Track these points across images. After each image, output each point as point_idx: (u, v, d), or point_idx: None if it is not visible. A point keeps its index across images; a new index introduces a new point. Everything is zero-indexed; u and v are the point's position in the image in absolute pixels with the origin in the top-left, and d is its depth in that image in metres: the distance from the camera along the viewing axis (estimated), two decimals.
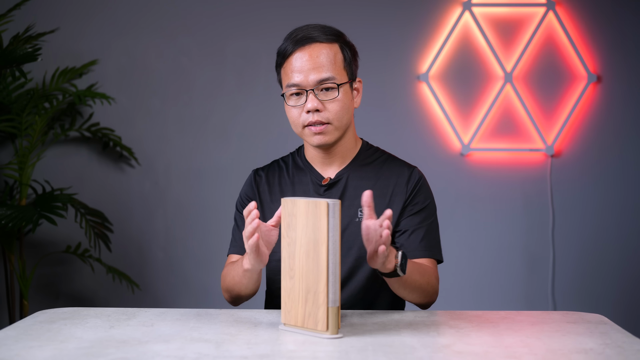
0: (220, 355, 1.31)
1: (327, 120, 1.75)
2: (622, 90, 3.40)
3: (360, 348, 1.36)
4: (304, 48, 1.76)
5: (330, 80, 1.75)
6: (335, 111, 1.76)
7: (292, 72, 1.76)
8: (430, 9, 3.41)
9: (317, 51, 1.75)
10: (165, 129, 3.43)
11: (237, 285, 1.74)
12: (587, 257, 3.42)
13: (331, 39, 1.78)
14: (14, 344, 1.38)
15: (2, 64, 2.87)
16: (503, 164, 3.42)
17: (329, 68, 1.75)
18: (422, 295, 1.74)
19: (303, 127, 1.78)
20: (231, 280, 1.76)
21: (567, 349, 1.36)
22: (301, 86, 1.75)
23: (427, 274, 1.74)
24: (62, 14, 3.38)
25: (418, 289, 1.71)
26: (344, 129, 1.80)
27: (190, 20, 3.42)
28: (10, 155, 3.36)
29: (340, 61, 1.78)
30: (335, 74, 1.75)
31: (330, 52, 1.77)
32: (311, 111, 1.75)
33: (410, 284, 1.68)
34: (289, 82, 1.76)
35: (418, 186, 1.83)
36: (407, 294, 1.72)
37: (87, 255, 3.23)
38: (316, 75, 1.74)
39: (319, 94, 1.75)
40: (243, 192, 1.93)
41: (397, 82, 3.41)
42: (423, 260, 1.79)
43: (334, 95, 1.75)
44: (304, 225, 1.45)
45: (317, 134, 1.76)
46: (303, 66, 1.75)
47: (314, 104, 1.74)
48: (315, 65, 1.74)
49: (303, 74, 1.74)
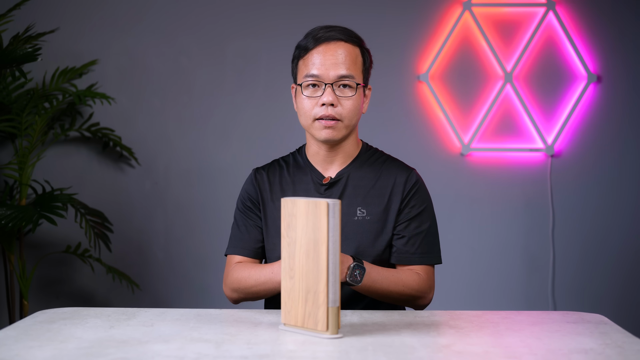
0: (220, 355, 1.31)
1: (339, 117, 1.79)
2: (622, 90, 3.40)
3: (360, 348, 1.36)
4: (329, 44, 1.80)
5: (349, 78, 1.79)
6: (349, 109, 1.79)
7: (314, 64, 1.79)
8: (430, 9, 3.41)
9: (341, 49, 1.80)
10: (165, 129, 3.43)
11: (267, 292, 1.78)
12: (587, 257, 3.42)
13: (354, 42, 1.83)
14: (14, 344, 1.38)
15: (2, 64, 2.87)
16: (503, 164, 3.42)
17: (350, 67, 1.79)
18: (397, 301, 1.80)
19: (314, 120, 1.80)
20: (259, 285, 1.79)
21: (567, 349, 1.36)
22: (320, 78, 1.78)
23: (404, 282, 1.78)
24: (62, 14, 3.38)
25: (388, 297, 1.77)
26: (351, 129, 1.83)
27: (190, 20, 3.42)
28: (10, 155, 3.36)
29: (360, 63, 1.83)
30: (355, 74, 1.80)
31: (353, 53, 1.81)
32: (326, 104, 1.78)
33: (375, 292, 1.75)
34: (309, 72, 1.80)
35: (415, 189, 1.86)
36: (381, 299, 1.79)
37: (87, 255, 3.23)
38: (337, 70, 1.78)
39: (336, 90, 1.79)
40: (244, 191, 1.94)
41: (397, 82, 3.41)
42: (417, 267, 1.83)
43: (350, 93, 1.79)
44: (304, 225, 1.45)
45: (327, 128, 1.79)
46: (325, 60, 1.79)
47: (329, 98, 1.77)
48: (337, 61, 1.78)
49: (324, 67, 1.78)
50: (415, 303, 1.82)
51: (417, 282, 1.80)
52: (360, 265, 1.68)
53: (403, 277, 1.78)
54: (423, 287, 1.81)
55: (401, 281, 1.77)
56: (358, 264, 1.67)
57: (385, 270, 1.77)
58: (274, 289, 1.77)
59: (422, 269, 1.83)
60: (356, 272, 1.67)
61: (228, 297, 1.88)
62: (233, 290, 1.84)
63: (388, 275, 1.76)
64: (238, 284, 1.83)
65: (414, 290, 1.79)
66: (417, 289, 1.79)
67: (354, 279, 1.67)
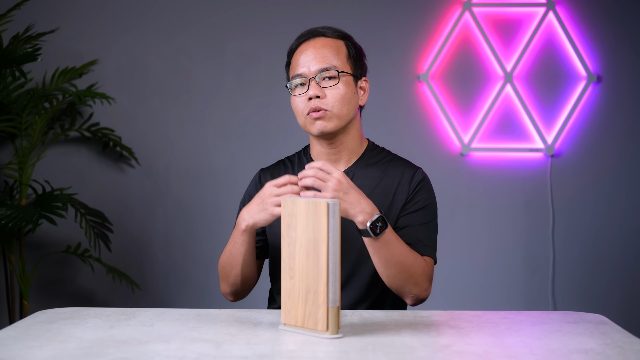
0: (220, 355, 1.31)
1: (326, 107, 1.79)
2: (622, 90, 3.40)
3: (360, 348, 1.36)
4: (309, 41, 1.83)
5: (330, 70, 1.79)
6: (335, 99, 1.79)
7: (297, 65, 1.82)
8: (430, 9, 3.41)
9: (321, 44, 1.81)
10: (165, 129, 3.43)
11: (235, 260, 1.77)
12: (587, 257, 3.42)
13: (337, 36, 1.84)
14: (14, 344, 1.38)
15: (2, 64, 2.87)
16: (503, 164, 3.42)
17: (331, 59, 1.80)
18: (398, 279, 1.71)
19: (305, 116, 1.80)
20: (228, 258, 1.78)
21: (567, 349, 1.36)
22: (304, 76, 1.80)
23: (413, 260, 1.72)
24: (62, 14, 3.38)
25: (393, 267, 1.69)
26: (345, 119, 1.81)
27: (190, 20, 3.42)
28: (10, 155, 3.36)
29: (344, 55, 1.83)
30: (337, 65, 1.80)
31: (334, 46, 1.82)
32: (312, 97, 1.78)
33: (384, 255, 1.68)
34: (295, 73, 1.82)
35: (420, 185, 1.84)
36: (384, 268, 1.70)
37: (87, 255, 3.22)
38: (318, 65, 1.79)
39: (320, 83, 1.79)
40: (248, 193, 1.94)
41: (397, 82, 3.41)
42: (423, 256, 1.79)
43: (334, 82, 1.79)
44: (304, 225, 1.45)
45: (317, 120, 1.79)
46: (307, 56, 1.81)
47: (314, 91, 1.78)
48: (318, 55, 1.80)
49: (306, 63, 1.80)
50: (413, 291, 1.74)
51: (422, 266, 1.75)
52: (384, 220, 1.65)
53: (415, 255, 1.74)
54: (426, 274, 1.75)
55: (412, 257, 1.72)
56: (383, 216, 1.65)
57: (402, 241, 1.73)
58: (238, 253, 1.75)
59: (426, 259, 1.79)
60: (378, 223, 1.64)
61: (222, 293, 1.88)
62: (221, 280, 1.85)
63: (403, 246, 1.71)
64: (220, 270, 1.84)
65: (419, 273, 1.73)
66: (420, 273, 1.73)
67: (373, 229, 1.63)
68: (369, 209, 1.64)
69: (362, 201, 1.64)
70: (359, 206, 1.63)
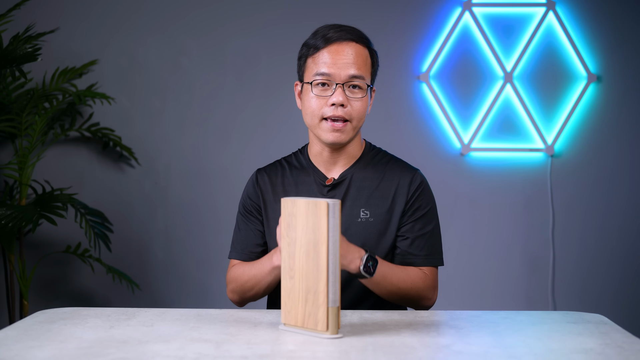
0: (220, 355, 1.31)
1: (349, 117, 1.76)
2: (622, 90, 3.40)
3: (360, 348, 1.36)
4: (340, 44, 1.77)
5: (360, 79, 1.77)
6: (358, 110, 1.77)
7: (325, 63, 1.76)
8: (430, 9, 3.41)
9: (353, 49, 1.77)
10: (165, 129, 3.43)
11: (259, 284, 1.77)
12: (587, 257, 3.42)
13: (364, 42, 1.80)
14: (14, 344, 1.38)
15: (2, 64, 2.87)
16: (503, 164, 3.42)
17: (362, 68, 1.77)
18: (403, 300, 1.78)
19: (321, 120, 1.77)
20: (251, 279, 1.78)
21: (567, 349, 1.36)
22: (331, 78, 1.75)
23: (411, 280, 1.76)
24: (62, 14, 3.38)
25: (394, 293, 1.74)
26: (357, 130, 1.81)
27: (190, 20, 3.42)
28: (10, 155, 3.36)
29: (369, 65, 1.81)
30: (365, 75, 1.78)
31: (363, 54, 1.79)
32: (336, 105, 1.75)
33: (384, 287, 1.72)
34: (319, 70, 1.76)
35: (419, 190, 1.84)
36: (386, 297, 1.75)
37: (87, 255, 3.23)
38: (348, 70, 1.75)
39: (346, 90, 1.76)
40: (245, 194, 1.93)
41: (397, 82, 3.41)
42: (424, 268, 1.82)
43: (361, 94, 1.77)
44: (304, 225, 1.45)
45: (335, 131, 1.77)
46: (337, 60, 1.75)
47: (340, 98, 1.74)
48: (349, 61, 1.76)
49: (336, 66, 1.75)
50: (420, 304, 1.80)
51: (423, 280, 1.78)
52: (373, 257, 1.64)
53: (411, 274, 1.77)
54: (429, 286, 1.80)
55: (409, 278, 1.76)
56: (371, 254, 1.64)
57: (394, 265, 1.75)
58: (264, 281, 1.75)
59: (427, 270, 1.82)
60: (369, 263, 1.63)
61: (230, 299, 1.88)
62: (232, 290, 1.85)
63: (397, 271, 1.74)
64: (235, 283, 1.83)
65: (420, 289, 1.77)
66: (423, 288, 1.78)
67: (367, 270, 1.63)
68: (357, 253, 1.63)
69: (350, 249, 1.62)
70: (349, 256, 1.62)
